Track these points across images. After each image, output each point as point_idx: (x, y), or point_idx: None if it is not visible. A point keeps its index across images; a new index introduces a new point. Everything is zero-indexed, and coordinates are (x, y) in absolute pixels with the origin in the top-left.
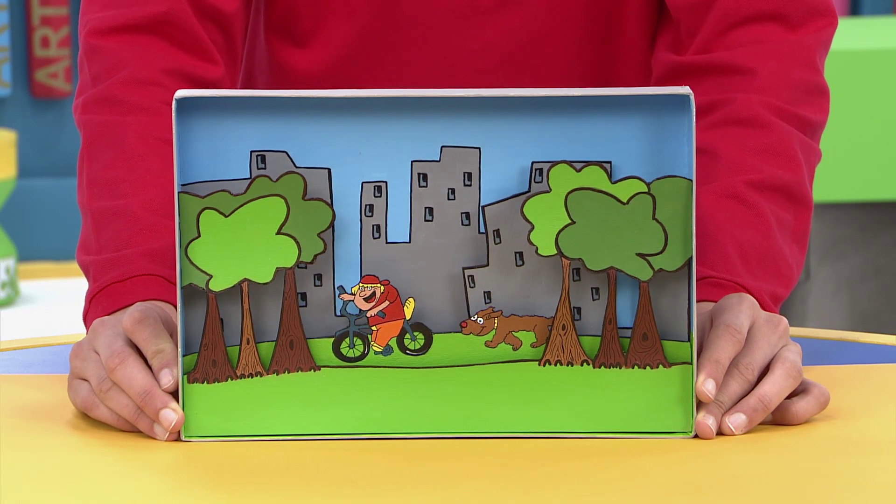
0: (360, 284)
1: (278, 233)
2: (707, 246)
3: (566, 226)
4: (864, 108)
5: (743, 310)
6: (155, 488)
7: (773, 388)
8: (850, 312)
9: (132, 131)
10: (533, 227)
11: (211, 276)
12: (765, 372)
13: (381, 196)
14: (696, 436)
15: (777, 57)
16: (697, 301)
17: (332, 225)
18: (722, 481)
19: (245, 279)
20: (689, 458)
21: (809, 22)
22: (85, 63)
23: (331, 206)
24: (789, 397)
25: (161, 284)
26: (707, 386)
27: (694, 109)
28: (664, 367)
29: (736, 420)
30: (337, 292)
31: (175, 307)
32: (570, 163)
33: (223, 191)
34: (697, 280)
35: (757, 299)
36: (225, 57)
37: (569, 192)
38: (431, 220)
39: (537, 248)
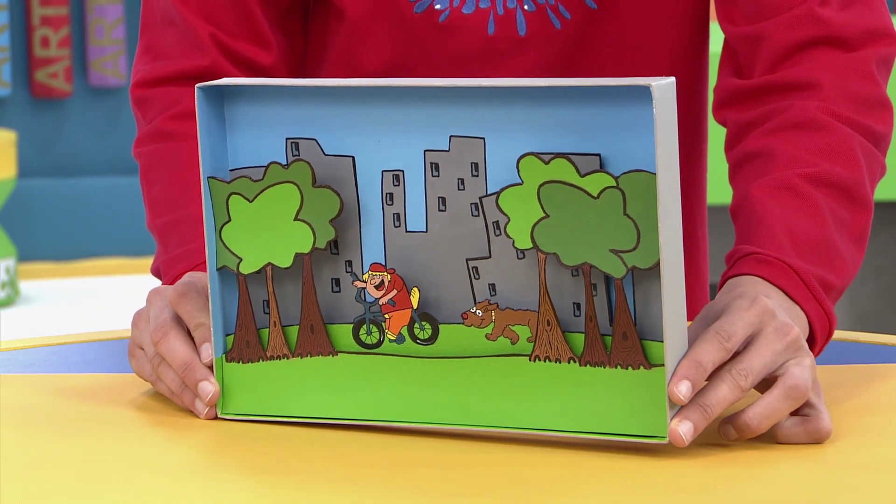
0: (370, 272)
1: (295, 219)
2: (755, 227)
3: (541, 219)
4: None
5: (745, 316)
6: (153, 488)
7: (764, 411)
8: (850, 312)
9: (184, 153)
10: (509, 220)
11: (241, 260)
12: (771, 382)
13: (399, 185)
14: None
15: (835, 70)
16: (741, 274)
17: (341, 212)
18: (720, 484)
19: (269, 263)
20: (687, 461)
21: (868, 43)
22: (138, 112)
23: (338, 193)
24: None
25: None
26: (680, 388)
27: (656, 102)
28: (645, 368)
29: (726, 433)
30: (351, 279)
31: None
32: (537, 155)
33: (244, 177)
34: (742, 257)
35: (804, 281)
36: None
37: (540, 185)
38: (444, 210)
39: (514, 242)
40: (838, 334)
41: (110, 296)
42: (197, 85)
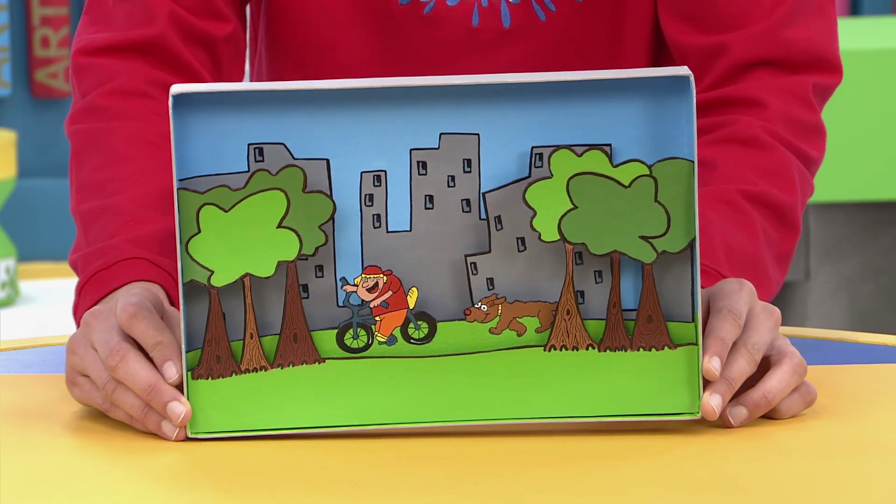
0: (363, 275)
1: (279, 226)
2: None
3: (568, 211)
4: (864, 108)
5: (742, 296)
6: (153, 489)
7: (779, 385)
8: (850, 312)
9: (118, 135)
10: (535, 214)
11: (212, 272)
12: (767, 363)
13: (380, 185)
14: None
15: (778, 92)
16: None
17: (332, 217)
18: (721, 483)
19: (247, 274)
20: (687, 460)
21: (810, 70)
22: (74, 81)
23: (331, 197)
24: None
25: (146, 266)
26: (713, 363)
27: (693, 90)
28: (669, 348)
29: (737, 414)
30: (339, 284)
31: (162, 286)
32: (570, 147)
33: (223, 186)
34: None
35: None
36: (212, 79)
37: (570, 178)
38: (432, 208)
39: (540, 235)
40: (838, 334)
41: None
42: (171, 93)
